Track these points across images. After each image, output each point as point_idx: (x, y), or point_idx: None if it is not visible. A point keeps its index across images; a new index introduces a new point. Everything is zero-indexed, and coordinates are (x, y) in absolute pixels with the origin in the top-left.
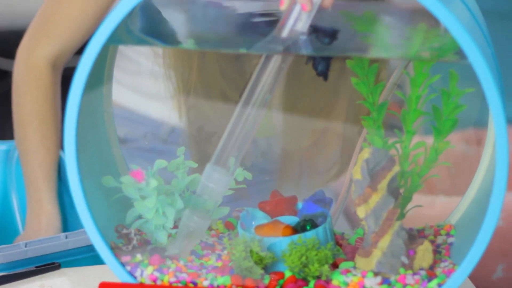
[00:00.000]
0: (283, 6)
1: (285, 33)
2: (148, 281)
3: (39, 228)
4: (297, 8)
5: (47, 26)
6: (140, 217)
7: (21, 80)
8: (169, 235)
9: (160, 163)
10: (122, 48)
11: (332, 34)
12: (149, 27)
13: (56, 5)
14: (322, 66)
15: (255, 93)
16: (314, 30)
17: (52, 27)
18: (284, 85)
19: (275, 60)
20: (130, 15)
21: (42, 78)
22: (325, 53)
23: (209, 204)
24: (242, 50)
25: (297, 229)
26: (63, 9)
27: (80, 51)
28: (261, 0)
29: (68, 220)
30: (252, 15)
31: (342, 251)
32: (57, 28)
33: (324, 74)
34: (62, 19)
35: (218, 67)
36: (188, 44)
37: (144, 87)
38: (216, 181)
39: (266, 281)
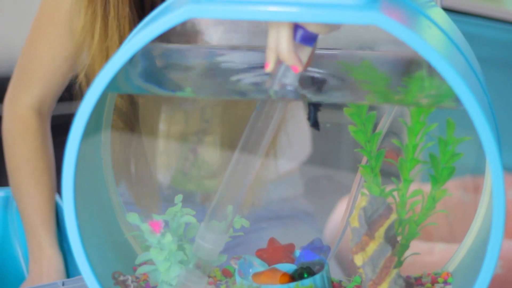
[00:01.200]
0: (268, 69)
1: (275, 86)
2: None
3: (41, 273)
4: (283, 67)
5: (25, 75)
6: (148, 260)
7: (9, 130)
8: None
9: (189, 218)
10: None
11: (320, 82)
12: (147, 76)
13: (29, 54)
14: (312, 117)
15: (249, 144)
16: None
17: (29, 76)
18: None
19: (269, 109)
20: (128, 63)
21: (28, 126)
22: (319, 100)
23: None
24: (237, 97)
25: (295, 276)
26: (36, 57)
27: (71, 97)
28: (255, 51)
29: (67, 266)
30: (247, 65)
31: None
32: (34, 75)
33: (315, 125)
34: (37, 66)
35: (178, 110)
36: (185, 91)
37: None
38: (210, 240)
39: None
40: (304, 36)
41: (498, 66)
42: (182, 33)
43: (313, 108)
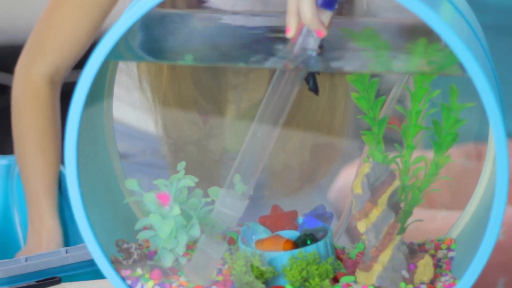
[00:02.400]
0: (290, 35)
1: (296, 51)
2: None
3: (40, 243)
4: (304, 31)
5: (42, 42)
6: (148, 227)
7: (20, 97)
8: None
9: (186, 181)
10: (121, 63)
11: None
12: (149, 43)
13: (49, 22)
14: (311, 81)
15: (268, 112)
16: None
17: (46, 44)
18: None
19: (287, 79)
20: (130, 31)
21: (40, 94)
22: (334, 69)
23: (223, 229)
24: (242, 65)
25: (298, 243)
26: (55, 25)
27: (80, 65)
28: (267, 16)
29: (69, 234)
30: (262, 32)
31: (342, 265)
32: (52, 44)
33: (315, 89)
34: (55, 35)
35: (191, 77)
36: (187, 60)
37: (138, 100)
38: (231, 206)
39: None
40: (326, 1)
41: (501, 32)
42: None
43: (312, 73)
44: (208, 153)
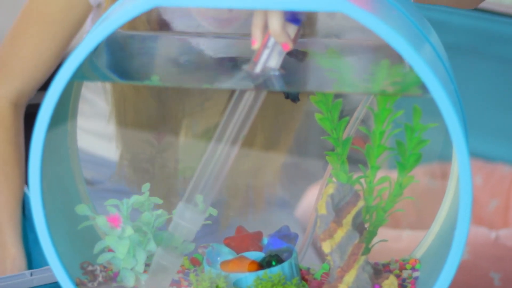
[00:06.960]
0: (255, 46)
1: (258, 69)
2: None
3: (4, 271)
4: (270, 45)
5: (5, 66)
6: (107, 248)
7: None
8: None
9: (136, 198)
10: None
11: (302, 53)
12: (114, 64)
13: (12, 45)
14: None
15: (228, 130)
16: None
17: (10, 67)
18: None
19: (248, 97)
20: (95, 51)
21: (3, 119)
22: (295, 89)
23: (181, 242)
24: (206, 86)
25: (263, 264)
26: (18, 49)
27: (43, 87)
28: (230, 38)
29: (32, 257)
30: (225, 54)
31: (308, 286)
32: (15, 67)
33: (295, 97)
34: (18, 58)
35: (146, 107)
36: (152, 80)
37: (102, 129)
38: (189, 219)
39: None
40: (293, 14)
41: (463, 52)
42: (150, 21)
43: None
44: (164, 169)
